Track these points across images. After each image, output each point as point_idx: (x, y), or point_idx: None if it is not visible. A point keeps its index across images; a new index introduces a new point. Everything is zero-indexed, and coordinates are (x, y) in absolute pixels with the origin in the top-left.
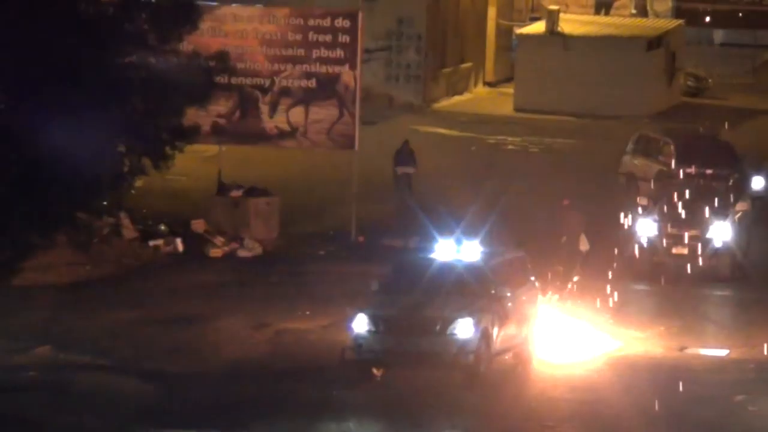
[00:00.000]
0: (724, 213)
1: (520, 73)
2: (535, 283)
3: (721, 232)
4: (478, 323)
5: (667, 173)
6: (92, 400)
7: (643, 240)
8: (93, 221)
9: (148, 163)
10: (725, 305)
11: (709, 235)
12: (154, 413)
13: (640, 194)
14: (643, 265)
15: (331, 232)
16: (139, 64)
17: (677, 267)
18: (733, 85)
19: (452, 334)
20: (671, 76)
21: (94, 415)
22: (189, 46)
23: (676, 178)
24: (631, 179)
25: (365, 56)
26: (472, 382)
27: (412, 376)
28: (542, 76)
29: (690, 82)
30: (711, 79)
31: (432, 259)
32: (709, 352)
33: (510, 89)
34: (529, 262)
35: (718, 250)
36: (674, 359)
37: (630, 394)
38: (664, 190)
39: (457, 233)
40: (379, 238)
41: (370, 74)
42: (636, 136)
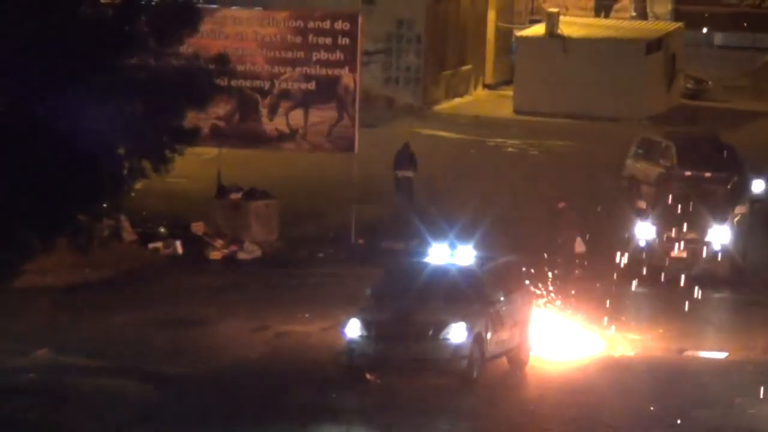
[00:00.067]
0: (723, 216)
1: (519, 76)
2: (529, 288)
3: (720, 236)
4: (471, 328)
5: (667, 176)
6: (91, 403)
7: (642, 243)
8: (93, 224)
9: (147, 165)
10: (724, 308)
11: (708, 239)
12: (154, 415)
13: (641, 197)
14: (642, 268)
15: (331, 235)
16: (139, 67)
17: (676, 270)
18: (733, 88)
19: (445, 339)
20: (671, 79)
21: (94, 418)
22: (189, 49)
23: (676, 181)
24: (633, 182)
25: (365, 59)
26: (466, 387)
27: (409, 380)
28: (542, 78)
29: (689, 85)
30: (710, 82)
31: (425, 264)
32: (708, 355)
33: (510, 92)
34: (522, 266)
35: (717, 254)
36: (673, 362)
37: (629, 397)
38: (663, 194)
39: (451, 237)
40: (378, 241)
41: (370, 77)
42: (638, 140)
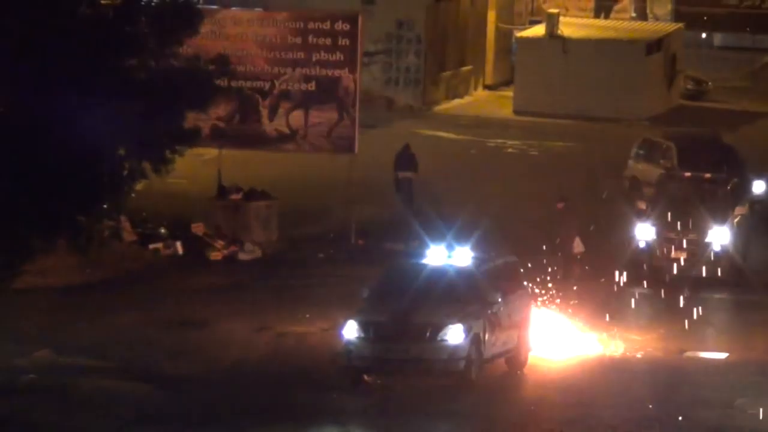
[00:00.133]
0: (723, 217)
1: (519, 77)
2: (528, 288)
3: (720, 237)
4: (469, 329)
5: (667, 177)
6: (92, 403)
7: (642, 244)
8: (93, 224)
9: (148, 166)
10: (724, 308)
11: (707, 240)
12: (154, 416)
13: (643, 198)
14: (641, 268)
15: (331, 235)
16: (139, 68)
17: (676, 271)
18: (732, 88)
19: (443, 341)
20: (671, 80)
21: (94, 418)
22: (189, 50)
23: (675, 181)
24: (635, 183)
25: (365, 59)
26: (464, 388)
27: (407, 382)
28: (542, 79)
29: (689, 86)
30: (710, 83)
31: (423, 265)
32: (709, 356)
33: (510, 92)
34: (521, 266)
35: (716, 254)
36: (674, 362)
37: (629, 398)
38: (663, 194)
39: (449, 238)
40: (379, 242)
41: (370, 77)
42: (640, 140)
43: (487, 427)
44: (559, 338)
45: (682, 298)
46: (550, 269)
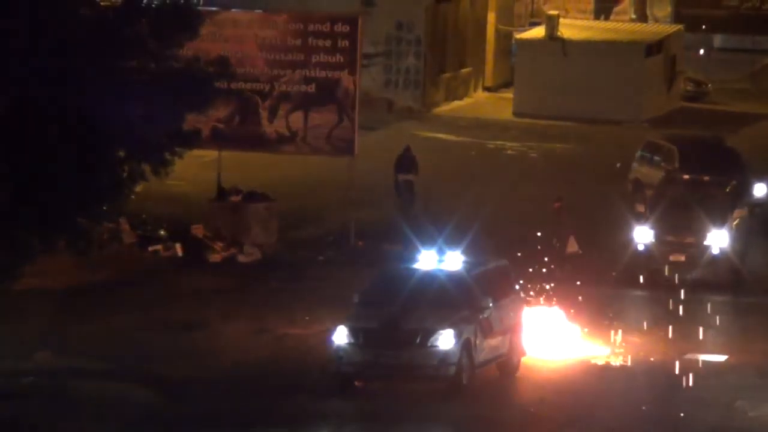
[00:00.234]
0: (722, 220)
1: (519, 78)
2: (520, 293)
3: (719, 239)
4: (460, 335)
5: (666, 179)
6: (91, 406)
7: (641, 247)
8: (93, 226)
9: (147, 168)
10: (723, 311)
11: (706, 242)
12: (154, 418)
13: (646, 201)
14: (640, 271)
15: (331, 237)
16: (139, 69)
17: (675, 274)
18: (732, 90)
19: (433, 346)
20: (671, 81)
21: (94, 421)
22: (189, 52)
23: (675, 184)
24: (638, 186)
25: (364, 61)
26: (455, 394)
27: (398, 388)
28: (542, 81)
29: (689, 87)
30: (710, 84)
31: (413, 270)
32: (708, 358)
33: (509, 94)
34: (512, 270)
35: (715, 257)
36: (673, 364)
37: (629, 400)
38: (662, 197)
39: (440, 243)
40: (378, 244)
41: (370, 79)
42: (644, 143)
43: (491, 428)
44: (558, 340)
45: (680, 300)
46: (546, 269)
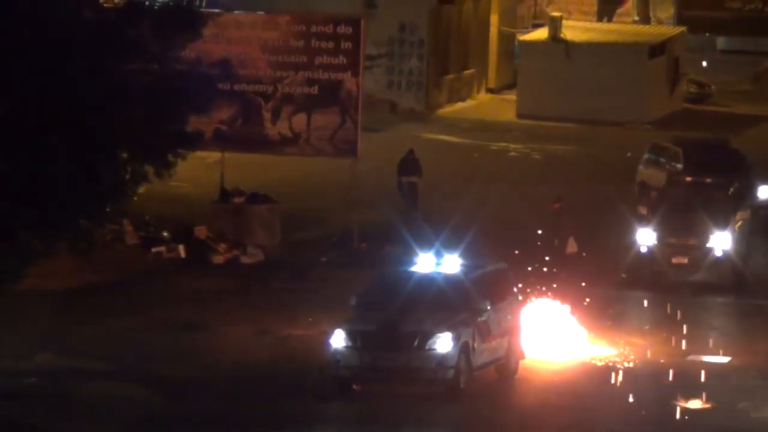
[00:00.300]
0: (725, 221)
1: (522, 80)
2: (518, 295)
3: (722, 241)
4: (458, 338)
5: (669, 181)
6: (93, 407)
7: (644, 249)
8: (96, 228)
9: (150, 169)
10: (727, 313)
11: (709, 245)
12: (155, 419)
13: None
14: (643, 273)
15: (334, 239)
16: (142, 71)
17: (678, 276)
18: (735, 92)
19: (431, 349)
20: (674, 83)
21: (96, 421)
22: (192, 53)
23: (677, 186)
24: (644, 188)
25: (367, 63)
26: (453, 397)
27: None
28: (545, 82)
29: (692, 89)
30: (713, 86)
31: (411, 273)
32: (711, 360)
33: (512, 96)
34: (511, 273)
35: (718, 260)
36: (676, 366)
37: (632, 402)
38: (665, 199)
39: (438, 245)
40: (381, 245)
41: (373, 81)
42: (650, 145)
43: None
44: (559, 341)
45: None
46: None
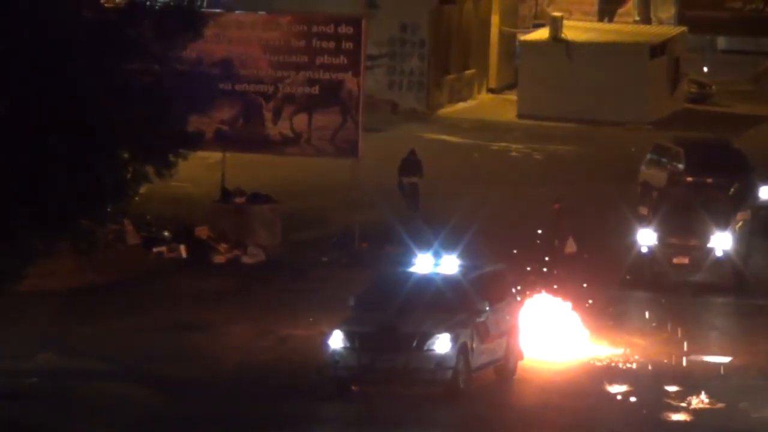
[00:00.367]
0: (725, 222)
1: (523, 80)
2: (516, 296)
3: (722, 242)
4: (456, 338)
5: (671, 182)
6: (94, 406)
7: (644, 249)
8: (96, 228)
9: (151, 169)
10: (727, 313)
11: (709, 245)
12: (157, 419)
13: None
14: (644, 274)
15: (335, 239)
16: (142, 71)
17: (678, 276)
18: (736, 92)
19: (430, 350)
20: (674, 83)
21: (97, 422)
22: (193, 53)
23: (678, 186)
24: (647, 188)
25: (368, 63)
26: (452, 398)
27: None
28: (546, 82)
29: (693, 89)
30: (714, 86)
31: (410, 273)
32: (712, 360)
33: (513, 96)
34: (510, 274)
35: (719, 260)
36: (677, 366)
37: (633, 402)
38: (666, 200)
39: (436, 246)
40: (382, 245)
41: (374, 81)
42: (653, 145)
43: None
44: (563, 342)
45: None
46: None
